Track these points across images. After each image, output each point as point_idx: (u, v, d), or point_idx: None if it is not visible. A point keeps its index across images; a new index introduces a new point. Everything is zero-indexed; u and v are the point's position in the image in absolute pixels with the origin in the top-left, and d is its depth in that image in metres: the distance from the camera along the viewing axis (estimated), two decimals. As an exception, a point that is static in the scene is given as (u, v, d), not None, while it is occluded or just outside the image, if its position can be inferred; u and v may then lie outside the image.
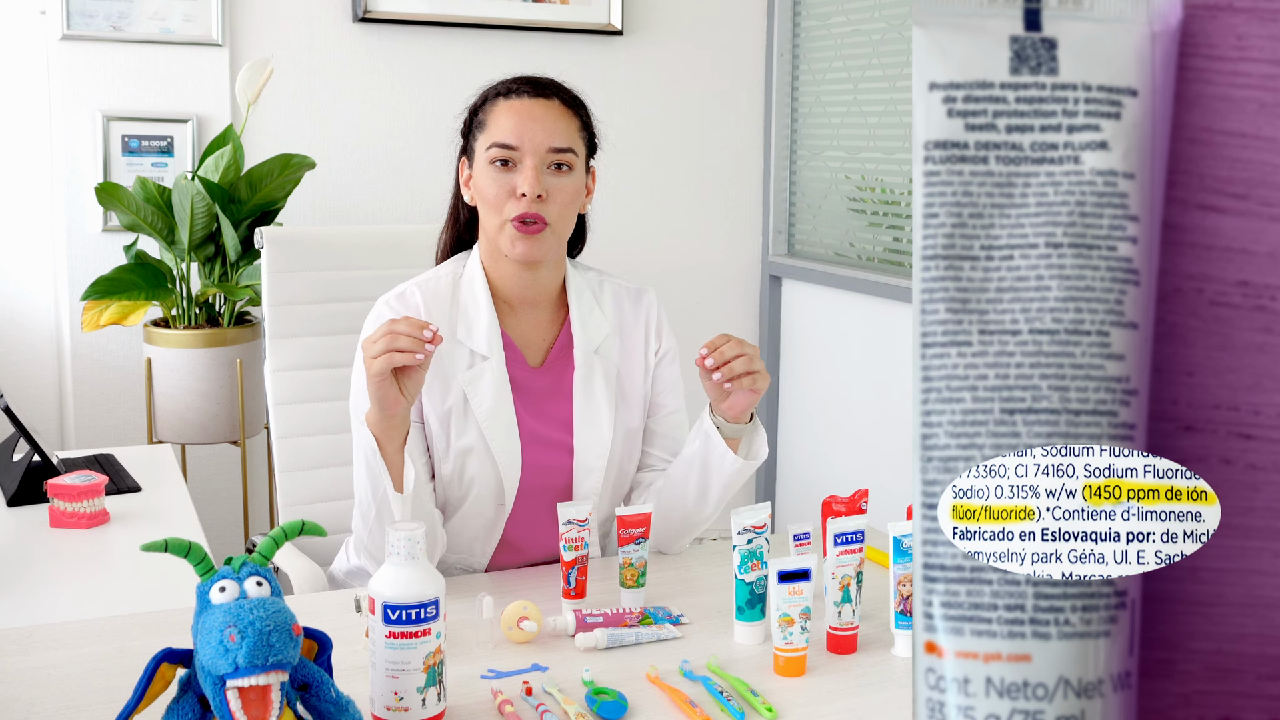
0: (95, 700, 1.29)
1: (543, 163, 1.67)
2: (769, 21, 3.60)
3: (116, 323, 2.73)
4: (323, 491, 2.09)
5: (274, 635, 1.06)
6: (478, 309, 1.72)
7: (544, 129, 1.68)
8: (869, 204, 3.32)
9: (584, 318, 1.77)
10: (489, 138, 1.69)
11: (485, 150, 1.69)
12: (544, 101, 1.71)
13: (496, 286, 1.75)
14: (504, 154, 1.67)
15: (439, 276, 1.76)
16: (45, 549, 1.86)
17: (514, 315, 1.76)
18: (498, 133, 1.68)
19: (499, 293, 1.75)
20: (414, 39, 3.23)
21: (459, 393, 1.70)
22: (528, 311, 1.76)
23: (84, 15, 2.90)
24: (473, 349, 1.71)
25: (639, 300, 1.84)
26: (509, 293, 1.75)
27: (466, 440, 1.70)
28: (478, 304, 1.73)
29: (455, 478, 1.71)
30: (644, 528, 1.59)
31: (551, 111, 1.70)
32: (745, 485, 3.75)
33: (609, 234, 3.62)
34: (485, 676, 1.37)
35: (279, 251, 2.10)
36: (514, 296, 1.75)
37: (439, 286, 1.74)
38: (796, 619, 1.38)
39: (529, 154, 1.67)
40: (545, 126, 1.68)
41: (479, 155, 1.71)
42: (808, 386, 3.53)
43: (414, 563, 1.24)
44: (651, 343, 1.83)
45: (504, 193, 1.67)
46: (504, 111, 1.70)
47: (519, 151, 1.67)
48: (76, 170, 2.95)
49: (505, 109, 1.70)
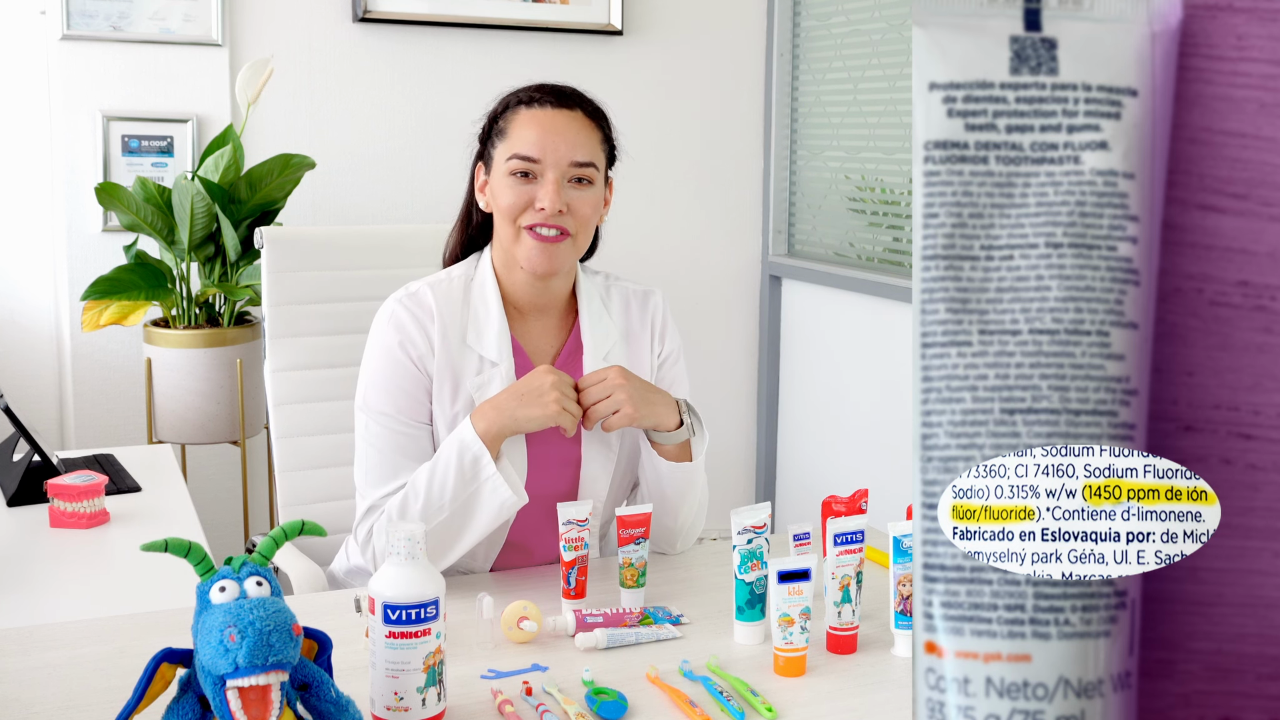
0: (95, 700, 1.29)
1: (564, 176, 1.66)
2: (769, 21, 3.60)
3: (116, 323, 2.73)
4: (323, 491, 2.09)
5: (274, 635, 1.06)
6: (488, 314, 1.72)
7: (567, 142, 1.66)
8: (869, 204, 3.32)
9: (594, 323, 1.77)
10: (510, 147, 1.67)
11: (506, 160, 1.67)
12: (567, 113, 1.69)
13: (508, 292, 1.74)
14: (525, 166, 1.66)
15: (451, 278, 1.75)
16: (45, 549, 1.86)
17: (524, 321, 1.76)
18: (519, 144, 1.66)
19: (510, 299, 1.74)
20: (414, 39, 3.23)
21: (467, 397, 1.69)
22: (538, 318, 1.76)
23: (84, 15, 2.90)
24: (482, 354, 1.71)
25: (645, 303, 1.84)
26: (520, 300, 1.74)
27: None
28: (488, 309, 1.72)
29: None
30: (644, 528, 1.59)
31: (575, 124, 1.68)
32: (745, 485, 3.76)
33: (609, 234, 3.62)
34: (485, 676, 1.37)
35: (279, 251, 2.10)
36: (525, 303, 1.75)
37: (451, 288, 1.73)
38: (796, 619, 1.38)
39: (551, 167, 1.65)
40: (568, 139, 1.66)
41: (498, 164, 1.69)
42: (808, 386, 3.53)
43: (414, 563, 1.24)
44: (656, 345, 1.83)
45: (522, 203, 1.66)
46: (526, 122, 1.68)
47: (540, 165, 1.66)
48: (76, 170, 2.95)
49: (528, 119, 1.68)
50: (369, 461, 1.69)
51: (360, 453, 1.71)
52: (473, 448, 1.59)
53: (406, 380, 1.68)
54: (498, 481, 1.59)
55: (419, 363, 1.69)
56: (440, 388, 1.69)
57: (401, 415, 1.68)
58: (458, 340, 1.70)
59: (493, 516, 1.62)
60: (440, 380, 1.69)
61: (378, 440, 1.69)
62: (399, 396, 1.68)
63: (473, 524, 1.62)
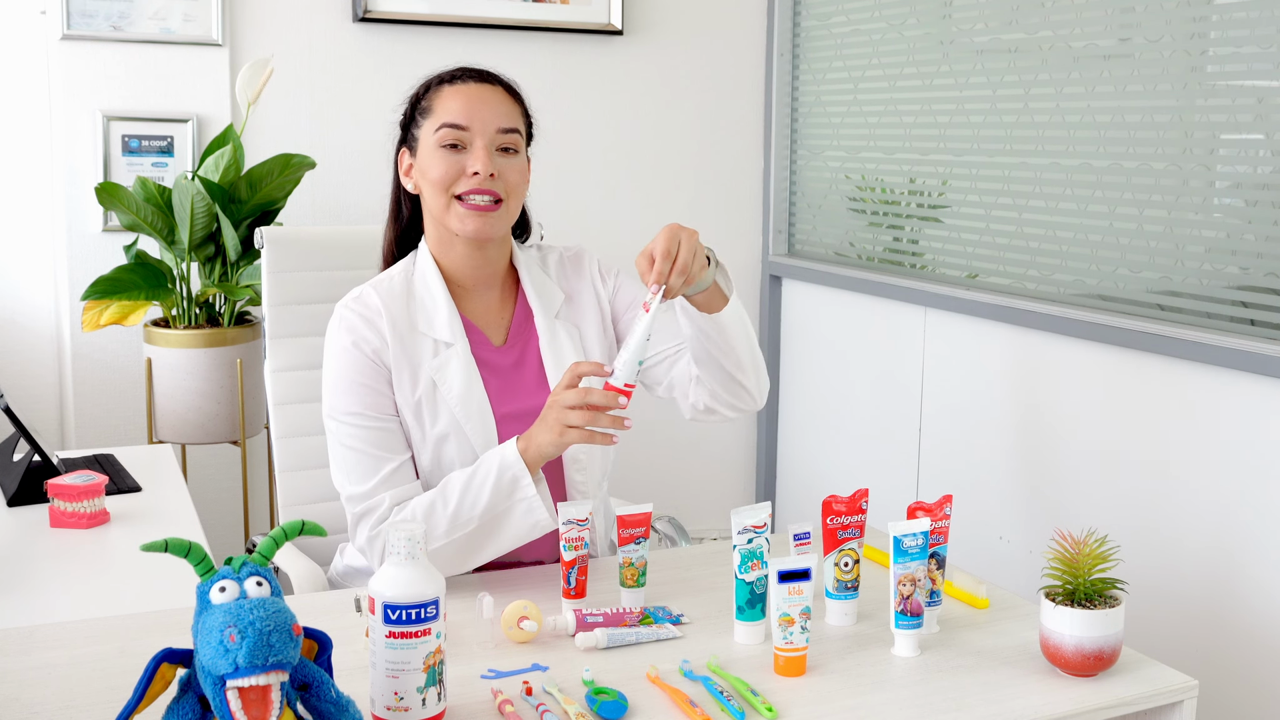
0: (95, 700, 1.29)
1: (492, 143, 1.72)
2: (769, 21, 3.60)
3: (116, 323, 2.73)
4: (323, 491, 2.08)
5: (274, 635, 1.06)
6: (434, 299, 1.76)
7: (491, 110, 1.73)
8: (869, 204, 3.32)
9: (538, 289, 1.82)
10: (437, 120, 1.73)
11: (434, 133, 1.73)
12: (489, 86, 1.77)
13: (449, 272, 1.78)
14: (454, 135, 1.72)
15: (391, 276, 1.79)
16: (45, 549, 1.86)
17: (470, 298, 1.80)
18: (446, 114, 1.72)
19: (452, 278, 1.79)
20: (414, 39, 3.23)
21: (428, 381, 1.72)
22: (483, 292, 1.80)
23: (84, 15, 2.91)
24: (435, 338, 1.74)
25: (579, 262, 1.89)
26: (462, 276, 1.78)
27: (440, 427, 1.72)
28: (433, 294, 1.76)
29: (434, 466, 1.73)
30: (644, 527, 1.59)
31: (496, 95, 1.76)
32: (745, 485, 3.76)
33: (609, 234, 3.63)
34: (485, 676, 1.37)
35: (279, 251, 2.10)
36: (467, 279, 1.78)
37: (393, 285, 1.77)
38: (796, 619, 1.38)
39: (479, 134, 1.71)
40: (492, 108, 1.74)
41: (425, 140, 1.74)
42: (808, 386, 3.53)
43: (414, 563, 1.24)
44: (600, 293, 1.87)
45: (454, 173, 1.71)
46: (451, 95, 1.74)
47: (469, 132, 1.72)
48: (76, 170, 2.95)
49: (452, 93, 1.75)
50: (347, 463, 1.70)
51: (337, 458, 1.72)
52: (514, 468, 1.60)
53: (368, 375, 1.71)
54: (535, 503, 1.60)
55: (375, 357, 1.71)
56: (399, 376, 1.72)
57: (370, 411, 1.70)
58: (408, 329, 1.74)
59: (521, 536, 1.63)
60: (398, 370, 1.72)
61: (352, 441, 1.70)
62: (364, 394, 1.70)
63: (497, 539, 1.63)
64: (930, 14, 3.03)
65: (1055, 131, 2.63)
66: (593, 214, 3.49)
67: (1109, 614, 1.38)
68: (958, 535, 2.53)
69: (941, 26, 2.99)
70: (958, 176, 2.93)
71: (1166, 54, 2.38)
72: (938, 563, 1.54)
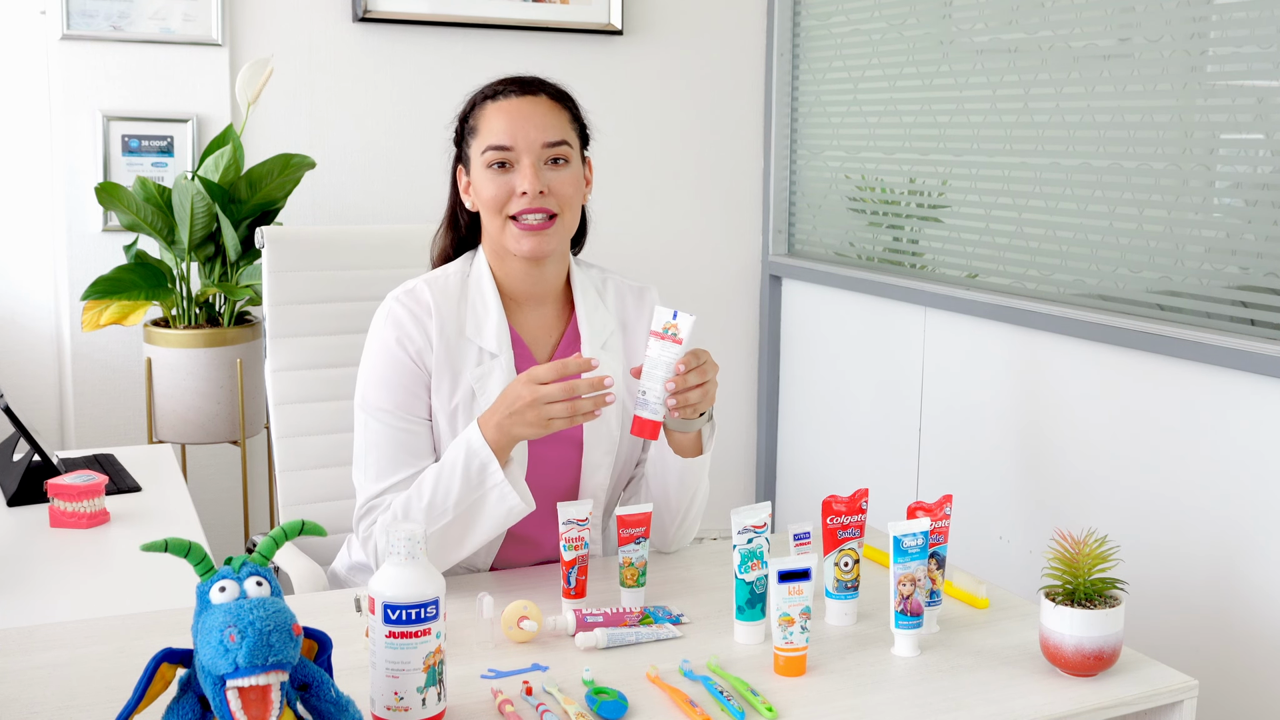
0: (95, 700, 1.29)
1: (539, 159, 1.69)
2: (769, 21, 3.60)
3: (116, 322, 2.73)
4: (323, 491, 2.09)
5: (274, 635, 1.06)
6: (486, 306, 1.73)
7: (535, 125, 1.70)
8: (869, 204, 3.32)
9: (590, 313, 1.79)
10: (483, 142, 1.71)
11: (481, 155, 1.71)
12: (531, 99, 1.73)
13: (504, 284, 1.76)
14: (500, 156, 1.69)
15: (447, 274, 1.77)
16: (45, 549, 1.86)
17: (521, 312, 1.77)
18: (490, 135, 1.70)
19: (506, 290, 1.76)
20: (414, 39, 3.23)
21: (467, 389, 1.70)
22: (534, 308, 1.77)
23: (84, 15, 2.90)
24: (481, 346, 1.72)
25: (641, 298, 1.86)
26: (516, 290, 1.76)
27: None
28: (486, 301, 1.74)
29: None
30: (644, 527, 1.59)
31: (540, 107, 1.72)
32: (745, 485, 3.76)
33: (609, 234, 3.62)
34: (485, 676, 1.37)
35: (279, 251, 2.10)
36: (521, 293, 1.76)
37: (448, 284, 1.75)
38: (796, 619, 1.38)
39: (524, 152, 1.69)
40: (536, 123, 1.70)
41: (475, 161, 1.72)
42: (808, 386, 3.53)
43: (414, 562, 1.24)
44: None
45: (504, 194, 1.69)
46: (494, 114, 1.71)
47: (514, 151, 1.69)
48: (76, 170, 2.95)
49: (494, 111, 1.72)
50: (368, 458, 1.70)
51: (359, 450, 1.71)
52: (480, 454, 1.59)
53: (405, 376, 1.69)
54: (505, 489, 1.59)
55: (417, 358, 1.69)
56: (439, 381, 1.70)
57: (400, 411, 1.69)
58: (456, 334, 1.72)
59: (499, 523, 1.62)
60: (439, 374, 1.70)
61: (376, 437, 1.69)
62: (398, 392, 1.69)
63: (476, 530, 1.62)
64: (930, 14, 3.03)
65: (1055, 131, 2.63)
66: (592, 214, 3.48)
67: (1109, 614, 1.38)
68: (958, 535, 2.53)
69: (941, 26, 2.99)
70: (957, 176, 2.93)
71: (1166, 54, 2.38)
72: (938, 563, 1.54)
